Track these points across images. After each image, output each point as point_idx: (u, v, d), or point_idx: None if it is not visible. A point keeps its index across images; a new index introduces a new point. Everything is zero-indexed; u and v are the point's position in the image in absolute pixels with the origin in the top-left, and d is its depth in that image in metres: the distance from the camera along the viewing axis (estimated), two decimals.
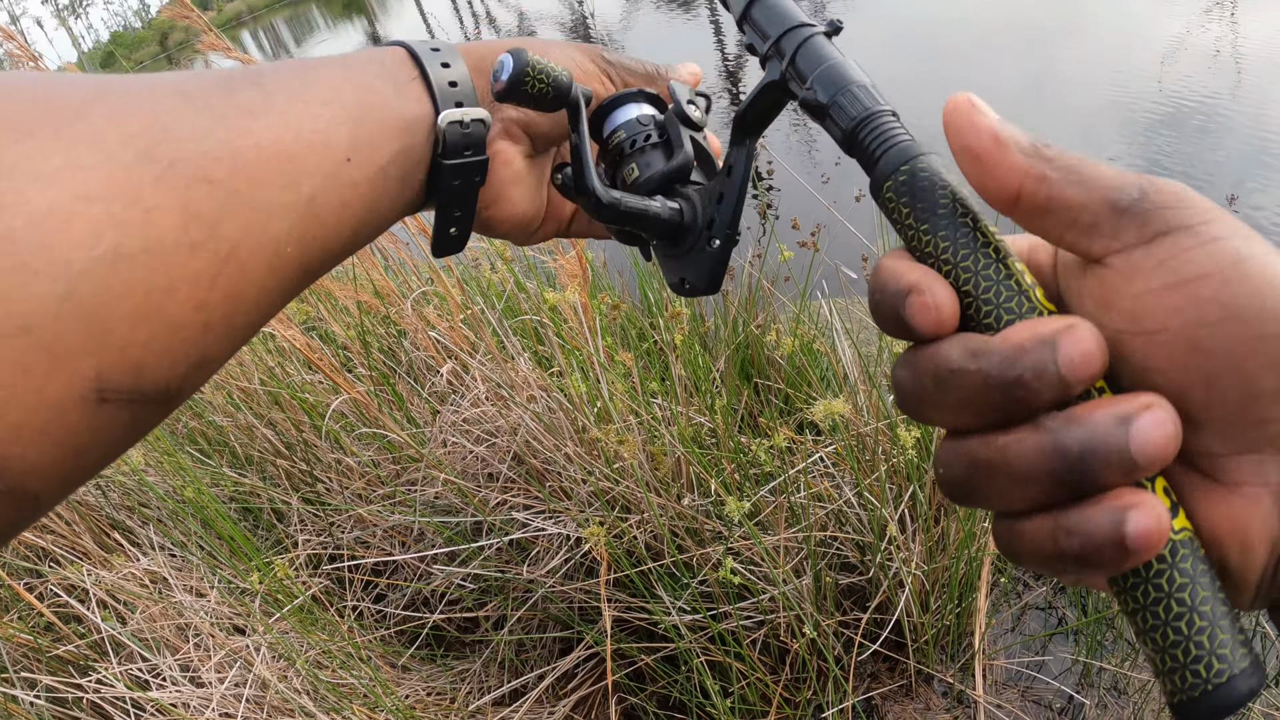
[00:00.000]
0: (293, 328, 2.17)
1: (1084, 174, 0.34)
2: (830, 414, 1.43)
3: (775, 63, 0.47)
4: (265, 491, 2.53)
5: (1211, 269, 0.31)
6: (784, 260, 2.19)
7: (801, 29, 0.47)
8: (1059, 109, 7.61)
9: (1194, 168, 5.76)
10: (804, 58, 0.46)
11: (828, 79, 0.44)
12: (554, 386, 1.98)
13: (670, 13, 15.14)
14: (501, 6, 22.05)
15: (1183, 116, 6.60)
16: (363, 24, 26.48)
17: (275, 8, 42.06)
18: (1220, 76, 7.27)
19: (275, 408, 2.62)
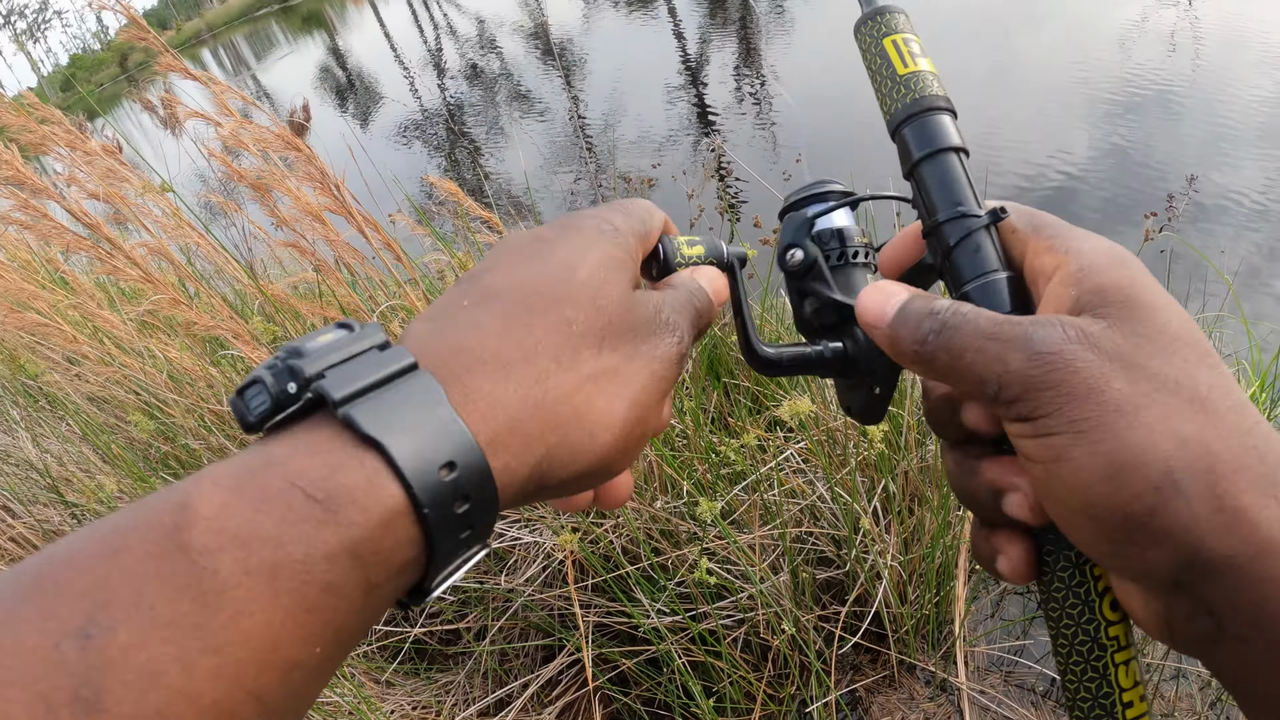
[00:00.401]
0: (260, 349, 2.16)
1: (958, 370, 0.42)
2: (796, 413, 1.43)
3: (933, 242, 0.50)
4: None
5: (1040, 458, 0.39)
6: (749, 258, 2.19)
7: (965, 220, 0.49)
8: (1020, 96, 7.66)
9: (1154, 150, 5.81)
10: (962, 254, 0.49)
11: (981, 295, 0.48)
12: None
13: (629, 14, 15.15)
14: (461, 16, 21.97)
15: (1143, 100, 6.66)
16: (323, 38, 26.34)
17: (235, 25, 41.82)
18: (1178, 60, 7.33)
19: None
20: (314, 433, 0.36)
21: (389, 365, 0.39)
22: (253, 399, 0.38)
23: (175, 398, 2.71)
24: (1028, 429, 0.39)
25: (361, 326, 0.42)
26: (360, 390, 0.37)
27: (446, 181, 2.09)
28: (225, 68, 27.02)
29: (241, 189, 2.70)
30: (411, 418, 0.37)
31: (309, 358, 0.38)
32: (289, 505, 0.33)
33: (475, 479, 0.38)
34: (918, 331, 0.44)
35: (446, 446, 0.37)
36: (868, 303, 0.47)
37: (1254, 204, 4.85)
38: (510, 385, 0.41)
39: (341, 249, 2.33)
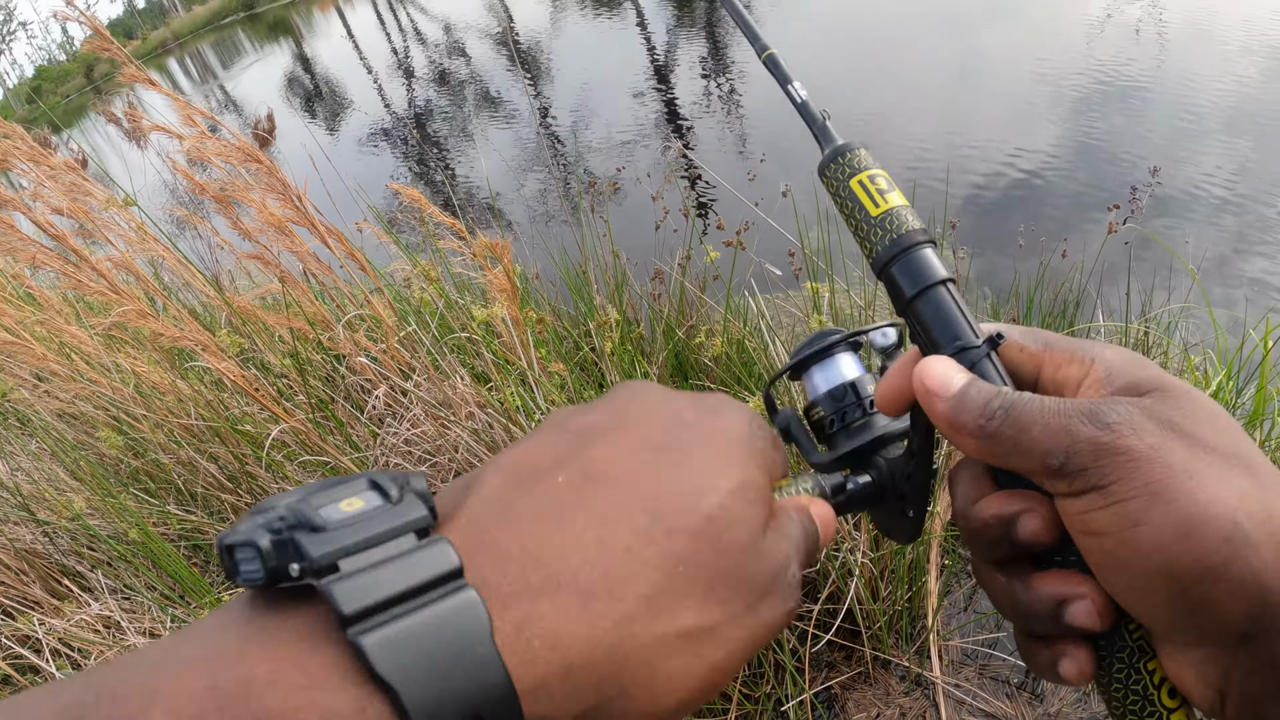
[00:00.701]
0: (226, 360, 2.15)
1: (1021, 444, 0.42)
2: (760, 412, 1.43)
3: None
4: (213, 526, 2.50)
5: (1111, 528, 0.39)
6: (710, 261, 2.20)
7: (966, 352, 0.50)
8: (988, 91, 7.70)
9: (1120, 142, 5.85)
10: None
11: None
12: (490, 402, 1.97)
13: (596, 16, 15.12)
14: (428, 20, 21.87)
15: (1109, 93, 6.70)
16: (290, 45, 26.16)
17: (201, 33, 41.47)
18: (1144, 53, 7.39)
19: (216, 441, 2.59)
20: (313, 650, 0.29)
21: (424, 570, 0.31)
22: (244, 564, 0.31)
23: (144, 413, 2.69)
24: (1098, 499, 0.39)
25: (400, 488, 0.34)
26: (380, 605, 0.30)
27: (409, 189, 2.09)
28: (192, 77, 26.79)
29: (207, 201, 2.69)
30: (440, 656, 0.30)
31: (321, 535, 0.31)
32: None
33: None
34: (984, 407, 0.43)
35: (476, 697, 0.30)
36: (932, 374, 0.46)
37: (1218, 195, 4.90)
38: (582, 623, 0.33)
39: (307, 260, 2.32)
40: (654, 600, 0.35)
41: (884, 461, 0.55)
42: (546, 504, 0.36)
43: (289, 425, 2.25)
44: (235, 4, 44.18)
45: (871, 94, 8.02)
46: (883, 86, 8.20)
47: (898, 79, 8.42)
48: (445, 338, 2.33)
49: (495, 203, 6.70)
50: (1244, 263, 4.21)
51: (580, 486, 0.36)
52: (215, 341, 2.33)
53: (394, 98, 13.10)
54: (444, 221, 2.01)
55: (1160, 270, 3.72)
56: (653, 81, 9.82)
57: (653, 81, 9.82)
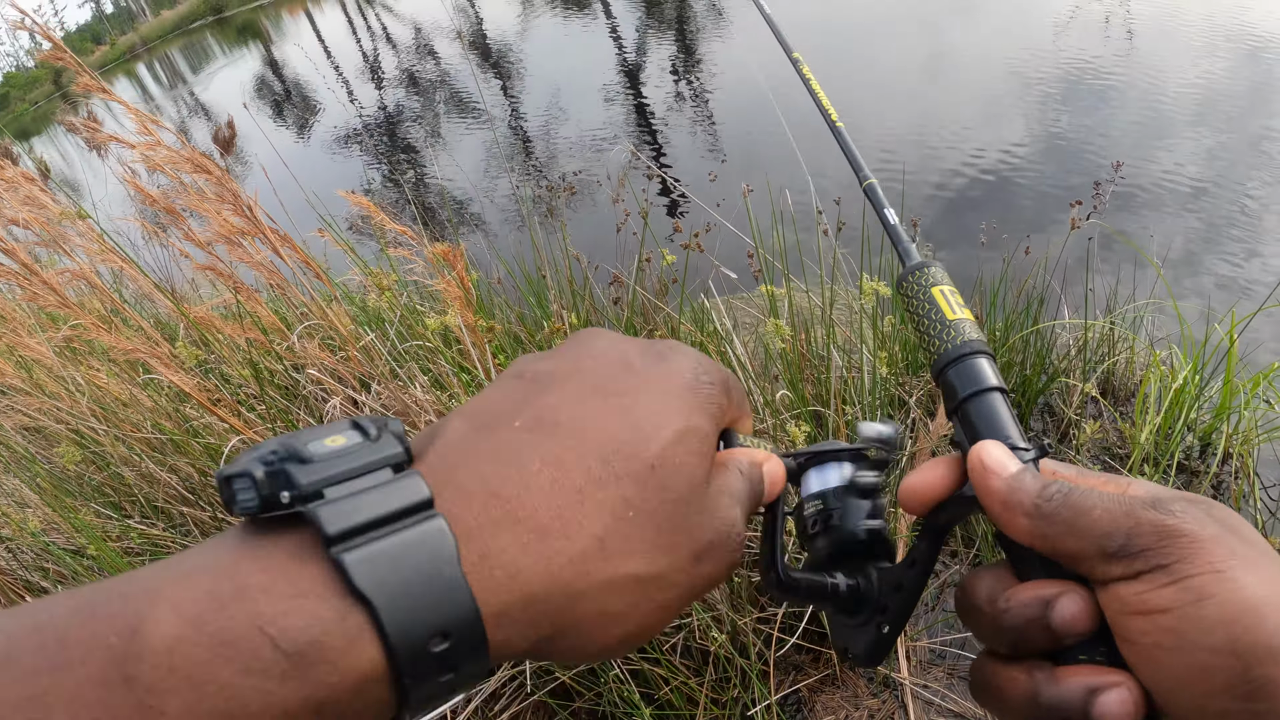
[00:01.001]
0: (179, 371, 2.12)
1: (1078, 527, 0.42)
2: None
3: None
4: (175, 540, 2.47)
5: (1174, 604, 0.39)
6: (668, 264, 2.19)
7: (1018, 453, 0.50)
8: (953, 88, 7.73)
9: (1088, 136, 5.89)
10: None
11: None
12: (446, 409, 1.95)
13: (566, 16, 15.11)
14: (398, 22, 21.78)
15: (1077, 87, 6.75)
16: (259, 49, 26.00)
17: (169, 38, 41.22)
18: (1112, 48, 7.44)
19: (178, 453, 2.56)
20: (301, 564, 0.32)
21: (399, 498, 0.34)
22: (240, 492, 0.34)
23: (103, 426, 2.66)
24: (1161, 576, 0.40)
25: (379, 428, 0.38)
26: (360, 527, 0.33)
27: (359, 197, 2.06)
28: (161, 82, 26.61)
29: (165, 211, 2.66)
30: (413, 576, 0.33)
31: (309, 466, 0.34)
32: (253, 653, 0.30)
33: (468, 651, 0.34)
34: (1044, 489, 0.45)
35: (445, 615, 0.33)
36: (991, 453, 0.48)
37: (1183, 189, 4.93)
38: (539, 558, 0.36)
39: (261, 269, 2.30)
40: (606, 542, 0.38)
41: (874, 570, 0.55)
42: (504, 447, 0.38)
43: (247, 436, 2.22)
44: (204, 8, 43.91)
45: (838, 90, 8.00)
46: (849, 83, 8.22)
47: (864, 76, 8.45)
48: (403, 345, 2.31)
49: (462, 207, 6.67)
50: (1208, 256, 4.24)
51: (534, 431, 0.39)
52: (169, 353, 2.31)
53: (363, 101, 13.04)
54: (396, 229, 1.99)
55: (1125, 265, 3.73)
56: (621, 82, 9.82)
57: (621, 82, 9.82)
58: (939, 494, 0.51)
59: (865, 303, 1.68)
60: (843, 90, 8.10)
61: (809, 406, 2.10)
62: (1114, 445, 2.88)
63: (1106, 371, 3.07)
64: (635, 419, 0.41)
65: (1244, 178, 4.95)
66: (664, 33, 12.21)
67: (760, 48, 10.48)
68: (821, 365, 2.26)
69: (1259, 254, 4.20)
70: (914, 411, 2.58)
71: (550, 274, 2.90)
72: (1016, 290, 2.96)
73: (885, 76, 8.32)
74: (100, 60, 41.15)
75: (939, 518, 0.52)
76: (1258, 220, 4.50)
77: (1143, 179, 5.07)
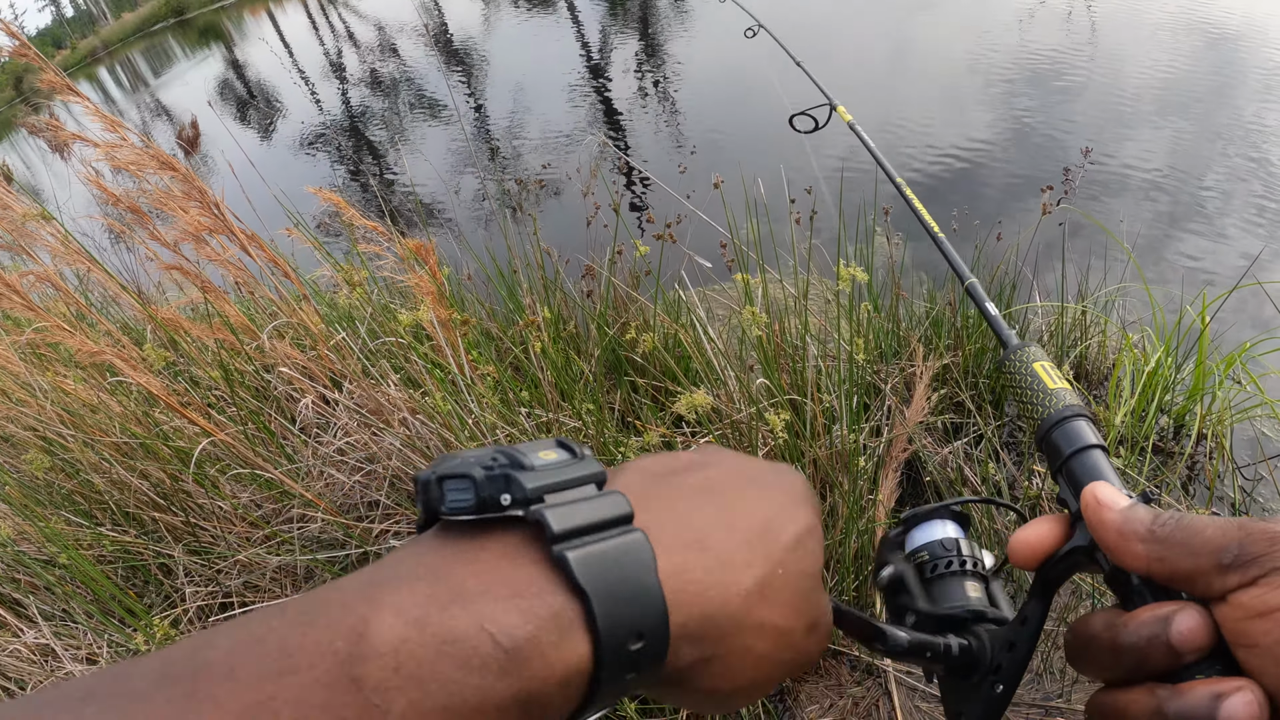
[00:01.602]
0: (146, 374, 2.08)
1: (1193, 545, 0.44)
2: (693, 406, 1.41)
3: (1085, 527, 0.52)
4: (148, 546, 2.43)
5: None
6: (640, 255, 2.18)
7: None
8: (920, 77, 7.77)
9: (1053, 124, 5.93)
10: None
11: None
12: (422, 409, 1.93)
13: (530, 14, 15.06)
14: (361, 22, 21.63)
15: (1041, 76, 6.80)
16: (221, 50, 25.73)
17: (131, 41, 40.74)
18: (1075, 37, 7.50)
19: (149, 458, 2.52)
20: (515, 566, 0.35)
21: (608, 510, 0.38)
22: (454, 492, 0.37)
23: (71, 432, 2.61)
24: (1278, 577, 0.41)
25: (581, 450, 0.41)
26: (580, 529, 0.36)
27: (328, 192, 2.04)
28: (123, 85, 26.30)
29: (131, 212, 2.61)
30: (621, 576, 0.36)
31: (531, 474, 0.37)
32: (474, 649, 0.32)
33: (652, 655, 0.37)
34: (1156, 517, 0.47)
35: (643, 618, 0.36)
36: (1105, 490, 0.50)
37: (1151, 175, 4.97)
38: (721, 584, 0.40)
39: (229, 268, 2.26)
40: (764, 589, 0.42)
41: (984, 632, 0.57)
42: (682, 494, 0.43)
43: (218, 438, 2.19)
44: (165, 10, 43.44)
45: (803, 83, 8.04)
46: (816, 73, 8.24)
47: (831, 65, 8.46)
48: (374, 342, 2.29)
49: (431, 205, 6.64)
50: (1178, 240, 4.27)
51: (703, 491, 0.44)
52: (137, 356, 2.27)
53: (328, 101, 12.93)
54: (366, 225, 1.97)
55: (1096, 250, 3.76)
56: (587, 77, 9.80)
57: (587, 77, 9.80)
58: (1049, 547, 0.53)
59: (842, 287, 1.67)
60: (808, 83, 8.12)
61: (786, 395, 2.10)
62: None
63: (1080, 356, 3.08)
64: (778, 506, 0.46)
65: (1207, 165, 5.00)
66: (628, 28, 12.19)
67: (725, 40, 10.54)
68: (797, 355, 2.26)
69: (1225, 237, 4.24)
70: (889, 399, 2.58)
71: (522, 269, 2.89)
72: (989, 277, 2.97)
73: (850, 65, 8.34)
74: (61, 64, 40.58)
75: (1050, 572, 0.54)
76: (1223, 204, 4.55)
77: (1109, 165, 5.11)
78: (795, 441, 1.99)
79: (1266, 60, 6.30)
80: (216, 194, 2.16)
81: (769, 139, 6.49)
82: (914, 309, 3.14)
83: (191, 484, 2.39)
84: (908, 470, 2.76)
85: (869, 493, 2.15)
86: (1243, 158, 5.01)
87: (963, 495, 2.39)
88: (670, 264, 2.83)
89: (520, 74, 10.98)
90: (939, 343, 2.88)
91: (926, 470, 2.63)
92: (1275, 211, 4.40)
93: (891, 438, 2.36)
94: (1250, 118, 5.48)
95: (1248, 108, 5.62)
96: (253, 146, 10.46)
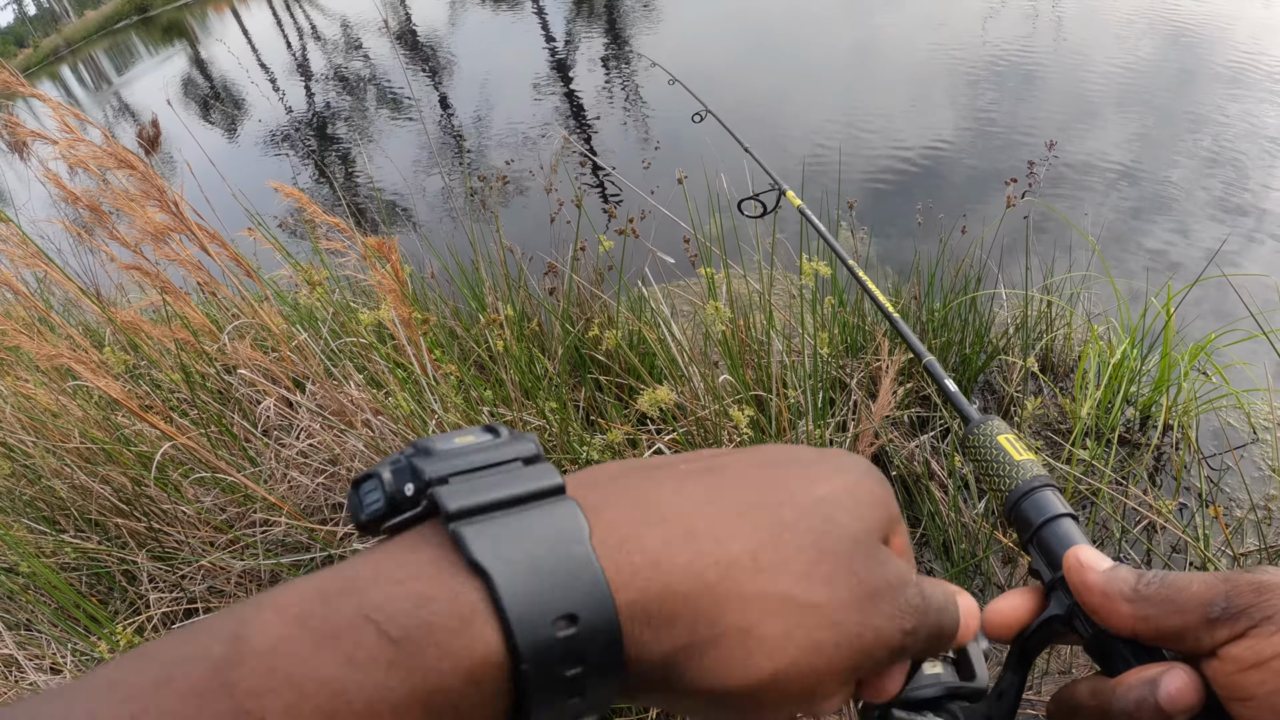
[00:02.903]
0: (106, 377, 2.05)
1: (1179, 602, 0.44)
2: (655, 403, 1.40)
3: (1061, 595, 0.53)
4: (111, 553, 2.40)
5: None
6: (604, 251, 2.17)
7: None
8: (885, 72, 7.80)
9: (1017, 120, 5.97)
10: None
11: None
12: (383, 408, 1.92)
13: (496, 11, 15.00)
14: (325, 18, 21.47)
15: (1005, 73, 6.84)
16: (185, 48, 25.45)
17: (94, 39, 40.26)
18: (1039, 32, 7.56)
19: (110, 463, 2.49)
20: (413, 550, 0.31)
21: (526, 483, 0.33)
22: (367, 495, 0.34)
23: (32, 438, 2.58)
24: (1269, 627, 0.41)
25: (512, 433, 0.37)
26: (482, 506, 0.32)
27: (291, 189, 2.02)
28: (86, 84, 25.96)
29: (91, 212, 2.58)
30: (536, 550, 0.31)
31: (435, 458, 0.34)
32: (357, 643, 0.28)
33: (599, 641, 0.31)
34: (1139, 578, 0.47)
35: (571, 594, 0.31)
36: (1086, 554, 0.51)
37: (1115, 168, 5.02)
38: (684, 553, 0.34)
39: (190, 268, 2.24)
40: (758, 555, 0.35)
41: (959, 710, 0.56)
42: (664, 477, 0.38)
43: (180, 442, 2.16)
44: (128, 8, 42.95)
45: (768, 77, 8.08)
46: (779, 69, 8.26)
47: (794, 61, 8.49)
48: (336, 342, 2.27)
49: (394, 203, 6.59)
50: (1141, 233, 4.31)
51: (699, 473, 0.39)
52: (98, 359, 2.24)
53: (293, 99, 12.82)
54: (329, 221, 1.95)
55: (1060, 243, 3.78)
56: (552, 74, 9.78)
57: (552, 74, 9.78)
58: (1024, 619, 0.53)
59: (805, 282, 1.67)
60: (771, 74, 8.14)
61: (751, 391, 2.10)
62: (1055, 421, 2.92)
63: (1045, 348, 3.11)
64: (805, 477, 0.40)
65: (1170, 157, 5.05)
66: (593, 25, 12.18)
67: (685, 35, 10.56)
68: (762, 350, 2.25)
69: (1188, 228, 4.28)
70: (855, 394, 2.58)
71: (484, 266, 2.87)
72: (954, 270, 2.98)
73: (814, 61, 8.37)
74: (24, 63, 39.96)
75: (1027, 643, 0.54)
76: (1185, 197, 4.59)
77: (1073, 159, 5.15)
78: (761, 437, 1.99)
79: (1227, 54, 6.37)
80: (176, 193, 2.13)
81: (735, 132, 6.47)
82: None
83: (154, 489, 2.36)
84: (874, 464, 2.77)
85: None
86: (1205, 150, 5.06)
87: (930, 490, 2.40)
88: (634, 260, 2.82)
89: (484, 71, 10.93)
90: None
91: (893, 464, 2.64)
92: (1237, 203, 4.45)
93: (858, 432, 2.37)
94: (1212, 110, 5.54)
95: (1209, 101, 5.68)
96: (215, 145, 10.36)
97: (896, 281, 3.51)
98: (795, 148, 5.79)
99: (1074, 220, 4.25)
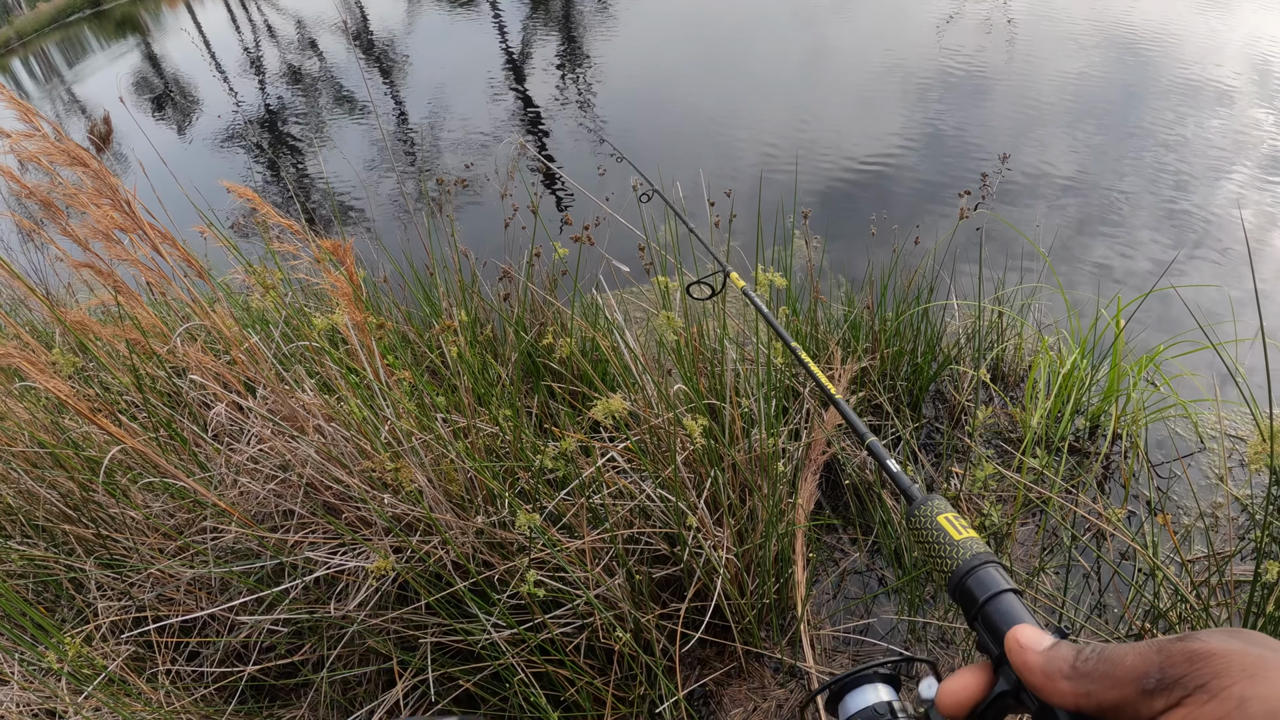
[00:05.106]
0: (55, 378, 2.01)
1: (1116, 676, 0.46)
2: (610, 411, 1.41)
3: (1008, 670, 0.55)
4: (58, 560, 2.36)
5: (1221, 715, 0.41)
6: (559, 258, 2.16)
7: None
8: (838, 84, 7.85)
9: (969, 130, 6.04)
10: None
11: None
12: (335, 414, 1.90)
13: (452, 12, 14.93)
14: (280, 16, 21.24)
15: (957, 83, 6.92)
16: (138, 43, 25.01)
17: (46, 32, 39.51)
18: (992, 45, 7.66)
19: (58, 467, 2.44)
20: None
21: None
22: None
23: None
24: (1202, 695, 0.43)
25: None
26: None
27: (243, 188, 1.99)
28: (37, 78, 25.46)
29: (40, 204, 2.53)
30: None
31: None
32: None
33: None
34: (1078, 654, 0.49)
35: None
36: (1026, 634, 0.54)
37: (1066, 180, 5.09)
38: None
39: (141, 268, 2.20)
40: None
41: None
42: None
43: (129, 446, 2.13)
44: (82, 1, 42.24)
45: (720, 87, 8.11)
46: (731, 79, 8.30)
47: (747, 71, 8.53)
48: (288, 346, 2.24)
49: (347, 205, 6.54)
50: (1091, 244, 4.38)
51: None
52: (45, 359, 2.20)
53: (247, 97, 12.66)
54: (281, 223, 1.93)
55: (1012, 252, 3.83)
56: (509, 77, 9.74)
57: (509, 77, 9.74)
58: (975, 696, 0.56)
59: (760, 293, 1.68)
60: (723, 84, 8.17)
61: (704, 400, 2.10)
62: (1006, 430, 2.96)
63: (996, 358, 3.14)
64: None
65: (1120, 170, 5.14)
66: (550, 29, 12.16)
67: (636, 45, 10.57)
68: (716, 359, 2.26)
69: (1137, 241, 4.36)
70: (808, 402, 2.60)
71: (439, 270, 2.86)
72: (907, 280, 3.02)
73: (766, 71, 8.41)
74: None
75: (980, 719, 0.56)
76: (1132, 211, 4.67)
77: (1025, 171, 5.22)
78: (714, 446, 2.00)
79: (1177, 69, 6.49)
80: (128, 191, 2.10)
81: (688, 141, 6.53)
82: (832, 312, 3.17)
83: (102, 494, 2.32)
84: (827, 473, 2.79)
85: (788, 496, 2.17)
86: (1154, 163, 5.15)
87: (882, 498, 2.42)
88: (588, 267, 2.82)
89: (440, 73, 10.87)
90: (857, 345, 2.91)
91: (846, 473, 2.66)
92: (1185, 215, 4.53)
93: (810, 441, 2.38)
94: (1160, 125, 5.64)
95: (1159, 115, 5.79)
96: (168, 143, 10.20)
97: (849, 290, 3.54)
98: (745, 149, 5.82)
99: (1025, 230, 4.31)
